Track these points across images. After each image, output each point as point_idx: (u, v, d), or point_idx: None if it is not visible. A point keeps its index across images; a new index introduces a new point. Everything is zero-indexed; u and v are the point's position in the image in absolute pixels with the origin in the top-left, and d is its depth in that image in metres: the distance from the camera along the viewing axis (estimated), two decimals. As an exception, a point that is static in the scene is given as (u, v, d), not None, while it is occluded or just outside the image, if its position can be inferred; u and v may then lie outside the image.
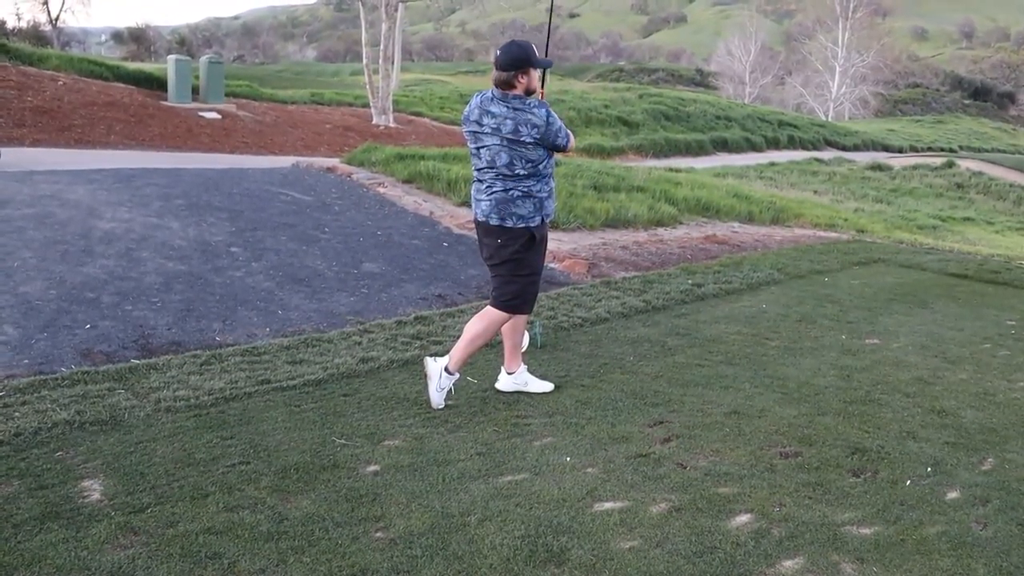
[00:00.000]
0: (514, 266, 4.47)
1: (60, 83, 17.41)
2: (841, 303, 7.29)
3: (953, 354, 6.01)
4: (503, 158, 4.33)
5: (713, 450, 4.07)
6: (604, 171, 12.64)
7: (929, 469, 3.99)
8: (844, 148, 34.91)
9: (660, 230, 10.09)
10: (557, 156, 4.74)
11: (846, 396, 4.96)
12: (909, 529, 3.40)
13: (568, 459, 3.89)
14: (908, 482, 3.83)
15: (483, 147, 4.39)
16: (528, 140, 4.27)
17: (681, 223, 10.69)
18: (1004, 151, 41.47)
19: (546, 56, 4.75)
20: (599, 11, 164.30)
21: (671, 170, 17.09)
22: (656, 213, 10.53)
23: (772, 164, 25.14)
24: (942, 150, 37.79)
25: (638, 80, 58.75)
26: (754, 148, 30.16)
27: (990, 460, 4.16)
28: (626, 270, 7.95)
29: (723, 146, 29.21)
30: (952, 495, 3.74)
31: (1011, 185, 25.16)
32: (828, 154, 31.04)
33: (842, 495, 3.67)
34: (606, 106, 29.73)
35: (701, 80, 67.35)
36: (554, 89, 31.22)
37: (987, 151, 39.60)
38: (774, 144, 31.95)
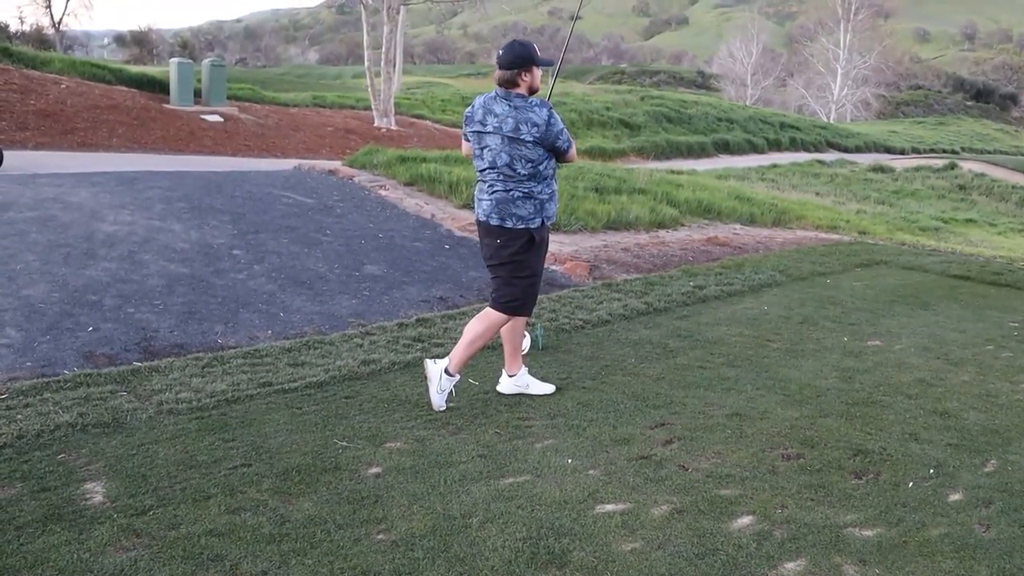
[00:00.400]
0: (513, 268, 4.48)
1: (63, 86, 17.44)
2: (843, 305, 7.29)
3: (955, 356, 6.00)
4: (503, 158, 4.34)
5: (715, 452, 4.07)
6: (605, 173, 12.64)
7: (931, 471, 3.99)
8: (846, 150, 34.91)
9: (661, 232, 10.09)
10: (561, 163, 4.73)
11: (848, 398, 4.96)
12: (911, 531, 3.40)
13: (570, 461, 3.89)
14: (910, 484, 3.83)
15: (486, 147, 4.41)
16: (528, 139, 4.28)
17: (683, 225, 10.69)
18: (1007, 152, 41.45)
19: (560, 64, 4.79)
20: (601, 13, 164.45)
21: (673, 172, 17.09)
22: (657, 215, 10.53)
23: (774, 166, 25.13)
24: (944, 152, 37.77)
25: (640, 82, 58.81)
26: (756, 150, 30.17)
27: (993, 462, 4.16)
28: (627, 272, 7.95)
29: (725, 148, 29.23)
30: (955, 497, 3.74)
31: (1013, 187, 25.12)
32: (830, 156, 31.04)
33: (844, 497, 3.66)
34: (607, 108, 29.76)
35: (703, 82, 67.38)
36: (555, 91, 31.26)
37: (989, 152, 39.59)
38: (776, 146, 31.97)
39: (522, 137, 4.27)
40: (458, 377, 4.53)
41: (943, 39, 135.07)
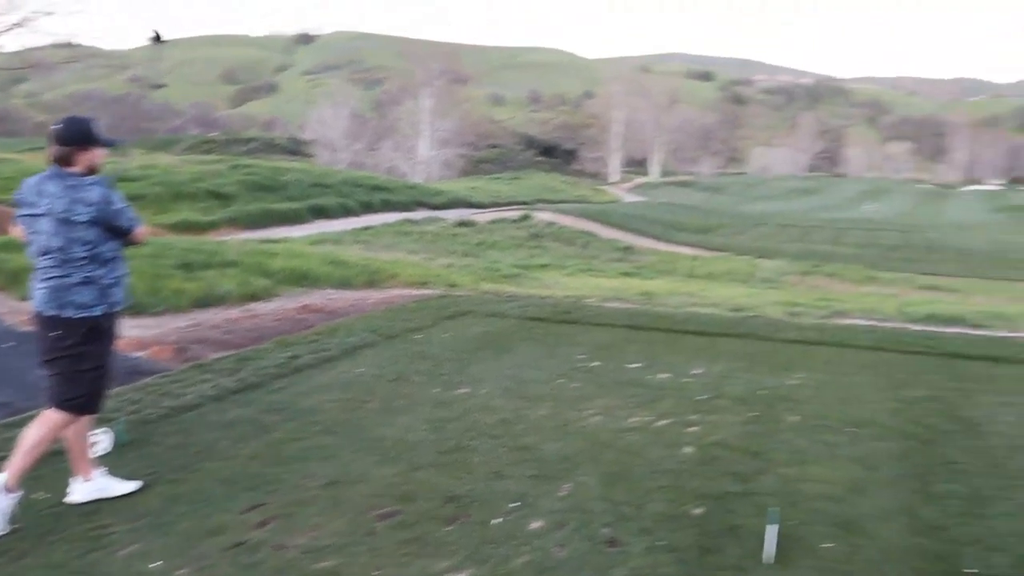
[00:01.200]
0: (74, 361, 4.11)
1: None
2: (434, 358, 7.64)
3: (533, 392, 6.55)
4: (57, 241, 4.03)
5: (312, 525, 4.03)
6: (193, 248, 12.17)
7: (515, 504, 4.30)
8: (434, 207, 36.80)
9: (254, 304, 9.89)
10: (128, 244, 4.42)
11: (439, 447, 5.18)
12: (498, 565, 3.63)
13: (156, 564, 3.62)
14: (499, 520, 4.10)
15: (37, 232, 4.06)
16: (82, 219, 4.01)
17: (276, 295, 10.57)
18: (571, 201, 46.66)
19: (131, 133, 4.52)
20: (187, 81, 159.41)
21: (267, 241, 16.94)
22: (250, 287, 10.32)
23: (367, 228, 25.85)
24: (520, 204, 41.46)
25: (232, 151, 57.53)
26: (350, 213, 30.72)
27: (567, 486, 4.59)
28: (219, 350, 7.65)
29: (320, 213, 29.40)
30: (535, 525, 4.06)
31: (580, 232, 28.41)
32: (420, 214, 32.57)
33: (439, 545, 3.82)
34: (196, 180, 28.67)
35: (296, 148, 67.67)
36: (139, 164, 29.55)
37: (558, 202, 44.22)
38: (369, 208, 32.82)
39: (75, 218, 3.99)
40: (20, 493, 4.03)
41: (515, 103, 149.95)
